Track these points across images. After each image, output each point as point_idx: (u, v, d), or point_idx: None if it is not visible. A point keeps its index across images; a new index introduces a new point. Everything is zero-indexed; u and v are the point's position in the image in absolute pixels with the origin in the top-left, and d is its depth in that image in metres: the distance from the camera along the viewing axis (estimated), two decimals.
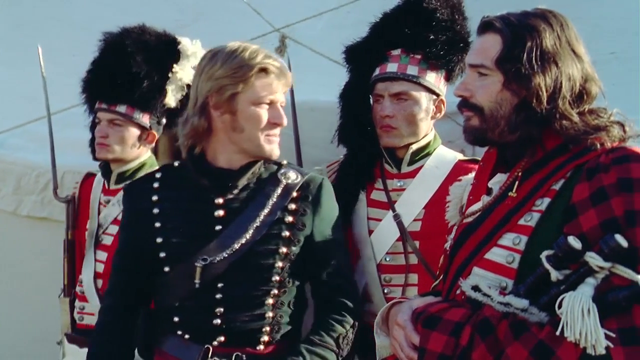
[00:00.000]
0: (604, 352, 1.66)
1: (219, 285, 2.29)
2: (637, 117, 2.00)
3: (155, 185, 2.40)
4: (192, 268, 2.27)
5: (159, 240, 2.34)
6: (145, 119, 3.20)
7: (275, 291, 2.31)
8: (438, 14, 2.80)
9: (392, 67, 2.79)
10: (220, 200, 2.32)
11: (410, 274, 2.75)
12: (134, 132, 3.19)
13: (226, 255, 2.27)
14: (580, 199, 1.78)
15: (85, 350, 2.55)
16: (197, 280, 2.27)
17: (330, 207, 2.42)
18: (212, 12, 4.58)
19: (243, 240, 2.28)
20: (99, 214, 3.25)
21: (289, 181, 2.37)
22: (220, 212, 2.31)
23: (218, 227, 2.30)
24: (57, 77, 3.60)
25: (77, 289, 3.25)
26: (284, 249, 2.31)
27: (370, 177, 2.87)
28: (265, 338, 2.31)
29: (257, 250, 2.29)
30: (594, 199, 1.76)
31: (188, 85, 3.26)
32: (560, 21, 1.93)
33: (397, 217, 2.77)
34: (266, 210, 2.31)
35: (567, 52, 1.90)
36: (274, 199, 2.33)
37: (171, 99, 3.24)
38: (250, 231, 2.29)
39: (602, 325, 1.66)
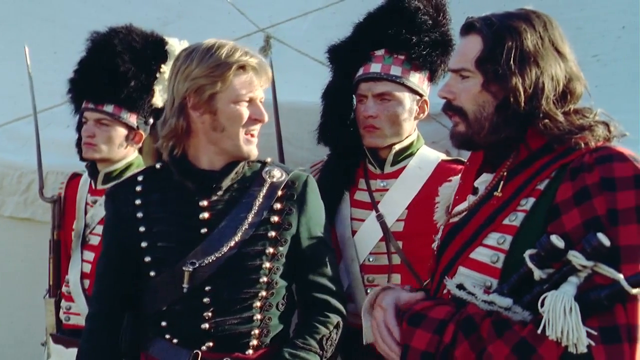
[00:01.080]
0: (585, 350, 1.67)
1: (207, 288, 2.26)
2: (621, 118, 2.01)
3: (138, 188, 2.37)
4: (180, 272, 2.24)
5: (143, 244, 2.31)
6: (132, 119, 3.19)
7: (264, 293, 2.29)
8: (421, 15, 2.81)
9: (375, 68, 2.79)
10: (205, 203, 2.29)
11: (393, 274, 2.75)
12: (121, 131, 3.18)
13: (214, 259, 2.25)
14: (563, 199, 1.79)
15: (72, 350, 2.53)
16: (185, 285, 2.24)
17: (315, 205, 2.40)
18: (195, 11, 4.57)
19: (231, 243, 2.26)
20: (85, 214, 3.23)
21: (274, 180, 2.35)
22: (206, 215, 2.28)
23: (204, 230, 2.28)
24: (38, 75, 3.57)
25: (64, 289, 3.24)
26: (270, 250, 2.29)
27: (353, 177, 2.87)
28: (254, 342, 2.30)
29: (244, 252, 2.27)
30: (577, 199, 1.77)
31: None
32: (544, 21, 1.93)
33: (380, 218, 2.77)
34: (252, 212, 2.29)
35: (550, 52, 1.90)
36: (260, 199, 2.31)
37: (158, 99, 3.24)
38: (238, 233, 2.26)
39: (584, 323, 1.67)
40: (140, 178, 2.40)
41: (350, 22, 2.93)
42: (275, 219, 2.31)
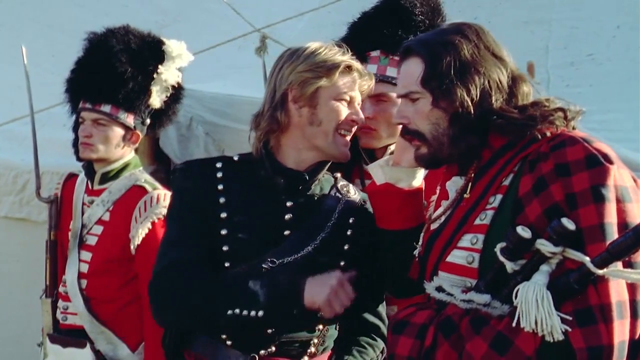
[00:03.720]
0: (561, 337, 1.68)
1: None
2: (616, 117, 2.03)
3: (219, 174, 2.29)
4: (257, 269, 2.19)
5: (223, 232, 2.23)
6: (129, 119, 3.20)
7: None
8: (417, 15, 2.82)
9: (371, 69, 2.79)
10: (290, 203, 2.28)
11: None
12: (118, 132, 3.18)
13: (291, 261, 2.22)
14: (525, 191, 1.81)
15: (69, 350, 2.52)
16: None
17: (375, 227, 2.39)
18: (192, 13, 4.59)
19: (309, 249, 2.24)
20: (82, 214, 3.23)
21: (349, 195, 2.36)
22: (290, 215, 2.27)
23: (287, 232, 2.26)
24: (36, 78, 3.59)
25: (61, 289, 3.24)
26: (342, 262, 2.28)
27: (349, 178, 2.87)
28: (312, 349, 2.30)
29: (319, 260, 2.24)
30: (535, 189, 1.79)
31: (173, 86, 3.28)
32: (476, 30, 1.97)
33: None
34: (331, 221, 2.28)
35: (487, 57, 1.94)
36: (337, 211, 2.31)
37: (156, 100, 3.25)
38: (317, 240, 2.25)
39: (559, 310, 1.68)
40: (219, 165, 2.31)
41: (345, 22, 2.95)
42: (350, 233, 2.31)
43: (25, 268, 3.82)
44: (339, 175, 2.42)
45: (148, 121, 3.27)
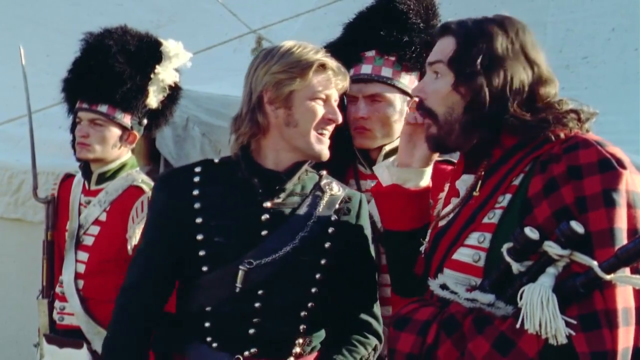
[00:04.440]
0: (565, 341, 1.67)
1: (259, 292, 2.24)
2: (611, 119, 2.03)
3: (196, 179, 2.30)
4: (234, 271, 2.21)
5: (199, 237, 2.25)
6: (126, 119, 3.21)
7: (312, 303, 2.28)
8: (412, 16, 2.82)
9: (366, 69, 2.79)
10: (268, 204, 2.27)
11: (383, 274, 2.75)
12: (115, 132, 3.19)
13: (270, 261, 2.23)
14: (534, 192, 1.81)
15: (65, 350, 2.51)
16: (238, 284, 2.20)
17: (367, 224, 2.41)
18: (188, 13, 4.59)
19: (289, 248, 2.24)
20: (79, 214, 3.23)
21: (333, 192, 2.35)
22: (267, 216, 2.27)
23: (264, 232, 2.26)
24: (31, 78, 3.58)
25: (57, 289, 3.25)
26: (324, 261, 2.29)
27: (344, 178, 2.87)
28: (297, 350, 2.29)
29: (299, 259, 2.25)
30: (546, 190, 1.79)
31: (170, 87, 3.28)
32: (517, 27, 1.96)
33: (370, 218, 2.78)
34: (312, 220, 2.28)
35: (519, 56, 1.93)
36: (320, 209, 2.31)
37: (153, 100, 3.25)
38: (297, 239, 2.25)
39: (564, 313, 1.68)
40: (197, 169, 2.33)
41: (341, 23, 2.94)
42: (332, 230, 2.31)
43: (20, 268, 3.82)
44: (324, 172, 2.41)
45: (145, 121, 3.27)
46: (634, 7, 3.70)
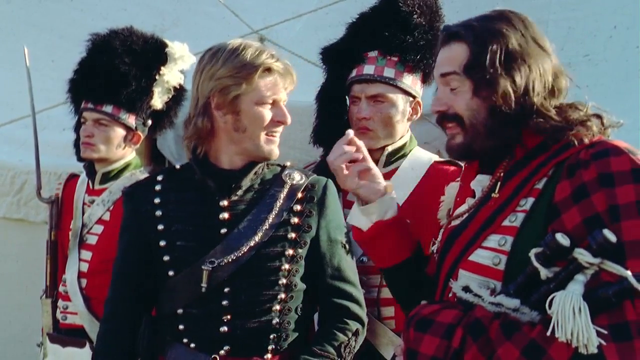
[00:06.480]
0: (596, 351, 1.65)
1: (225, 290, 2.26)
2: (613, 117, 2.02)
3: (157, 187, 2.35)
4: (198, 272, 2.23)
5: (162, 243, 2.29)
6: (131, 120, 3.23)
7: (282, 295, 2.28)
8: (415, 17, 2.82)
9: (368, 69, 2.80)
10: (225, 203, 2.29)
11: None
12: (120, 132, 3.22)
13: (233, 259, 2.24)
14: (562, 198, 1.78)
15: (68, 349, 2.53)
16: (203, 284, 2.23)
17: (335, 209, 2.39)
18: (190, 16, 4.59)
19: (251, 243, 2.25)
20: (83, 213, 3.26)
21: (294, 182, 2.34)
22: (226, 215, 2.28)
23: (223, 230, 2.27)
24: (35, 82, 3.60)
25: (61, 288, 3.26)
26: (290, 251, 2.28)
27: None
28: (272, 346, 2.28)
29: (263, 253, 2.26)
30: (575, 197, 1.76)
31: (175, 88, 3.30)
32: (522, 19, 1.93)
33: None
34: (273, 213, 2.28)
35: (535, 48, 1.90)
36: (280, 201, 2.30)
37: (157, 101, 3.28)
38: (259, 234, 2.26)
39: (593, 322, 1.65)
40: (159, 177, 2.39)
41: (343, 24, 2.94)
42: (295, 220, 2.30)
43: (23, 268, 3.84)
44: (288, 163, 2.41)
45: (149, 122, 3.30)
46: (635, 5, 3.69)
